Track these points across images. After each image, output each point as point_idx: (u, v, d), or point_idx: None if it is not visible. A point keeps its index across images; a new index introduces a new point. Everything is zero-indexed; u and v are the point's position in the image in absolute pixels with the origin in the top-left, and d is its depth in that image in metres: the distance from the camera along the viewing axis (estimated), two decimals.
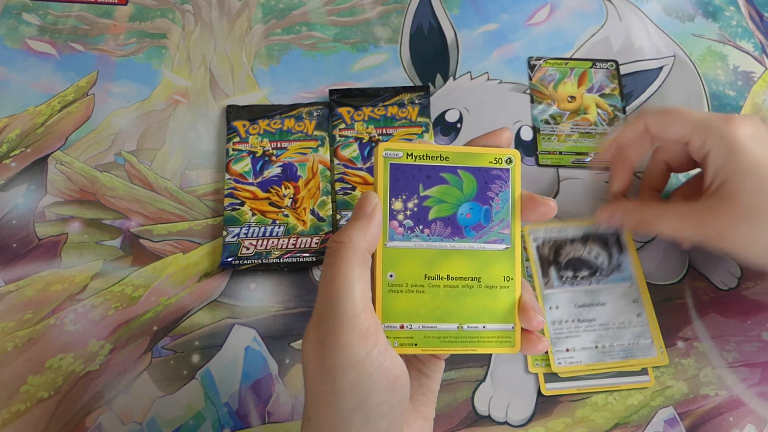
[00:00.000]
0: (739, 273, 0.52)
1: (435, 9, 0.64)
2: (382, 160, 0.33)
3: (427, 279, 0.33)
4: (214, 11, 0.63)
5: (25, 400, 0.46)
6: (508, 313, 0.34)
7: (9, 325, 0.48)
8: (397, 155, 0.33)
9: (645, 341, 0.48)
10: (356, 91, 0.57)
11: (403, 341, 0.33)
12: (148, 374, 0.47)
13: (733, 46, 0.63)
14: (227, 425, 0.45)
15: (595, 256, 0.51)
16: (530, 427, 0.46)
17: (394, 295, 0.33)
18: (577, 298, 0.49)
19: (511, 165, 0.34)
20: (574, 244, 0.51)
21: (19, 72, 0.59)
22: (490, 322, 0.34)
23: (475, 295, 0.33)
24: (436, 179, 0.34)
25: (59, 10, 0.63)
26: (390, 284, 0.33)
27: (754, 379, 0.48)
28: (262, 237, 0.50)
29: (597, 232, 0.50)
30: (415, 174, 0.33)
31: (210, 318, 0.49)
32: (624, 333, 0.48)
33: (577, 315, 0.49)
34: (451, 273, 0.33)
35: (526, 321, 0.34)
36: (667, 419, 0.46)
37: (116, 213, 0.53)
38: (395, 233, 0.33)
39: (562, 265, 0.50)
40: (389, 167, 0.33)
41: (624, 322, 0.49)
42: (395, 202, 0.33)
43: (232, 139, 0.55)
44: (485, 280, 0.34)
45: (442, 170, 0.34)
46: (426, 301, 0.33)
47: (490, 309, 0.34)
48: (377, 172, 0.33)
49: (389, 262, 0.33)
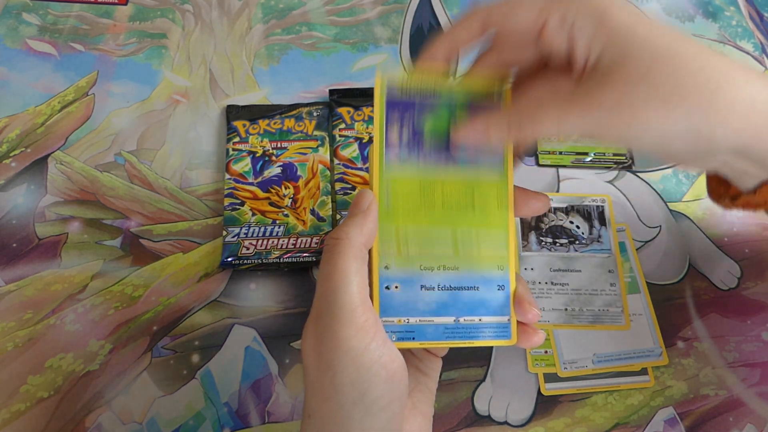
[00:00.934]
0: (740, 273, 0.52)
1: (435, 9, 0.64)
2: (380, 96, 0.34)
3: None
4: (214, 11, 0.63)
5: (25, 400, 0.46)
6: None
7: (9, 325, 0.48)
8: (393, 87, 0.34)
9: (615, 309, 0.49)
10: (356, 91, 0.57)
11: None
12: (148, 374, 0.47)
13: (733, 46, 0.63)
14: (227, 425, 0.45)
15: (576, 226, 0.52)
16: (530, 427, 0.46)
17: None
18: (552, 262, 0.51)
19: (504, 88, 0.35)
20: (557, 213, 0.53)
21: (19, 72, 0.59)
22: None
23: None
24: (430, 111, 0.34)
25: (59, 10, 0.63)
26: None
27: (754, 379, 0.48)
28: (262, 237, 0.50)
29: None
30: (410, 108, 0.34)
31: (210, 318, 0.49)
32: (595, 299, 0.50)
33: (551, 278, 0.50)
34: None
35: (522, 314, 0.34)
36: (667, 419, 0.46)
37: (116, 213, 0.53)
38: (392, 156, 0.34)
39: (543, 231, 0.52)
40: (386, 104, 0.34)
41: (597, 290, 0.50)
42: (391, 131, 0.34)
43: (232, 139, 0.55)
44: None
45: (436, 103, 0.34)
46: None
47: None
48: (376, 103, 0.34)
49: (386, 185, 0.33)
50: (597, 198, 0.53)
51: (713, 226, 0.54)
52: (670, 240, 0.53)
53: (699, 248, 0.53)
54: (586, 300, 0.49)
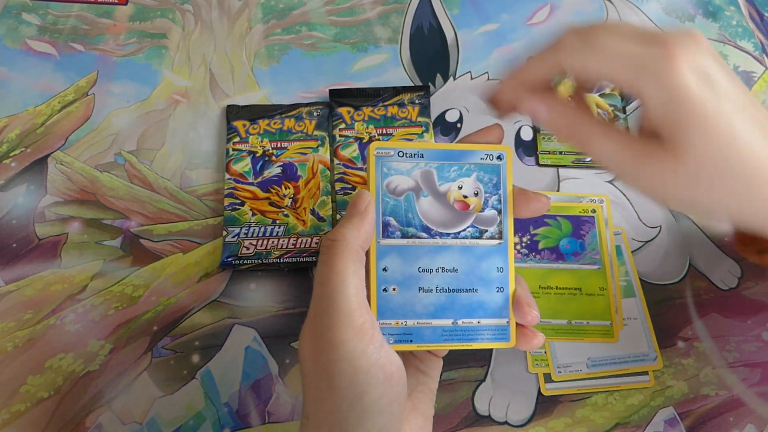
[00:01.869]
0: (740, 273, 0.52)
1: (435, 9, 0.64)
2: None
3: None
4: (214, 11, 0.63)
5: (25, 400, 0.46)
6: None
7: (9, 325, 0.48)
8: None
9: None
10: (356, 91, 0.57)
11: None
12: (148, 374, 0.47)
13: (733, 46, 0.63)
14: (227, 425, 0.45)
15: None
16: (530, 427, 0.46)
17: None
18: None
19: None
20: None
21: (19, 72, 0.59)
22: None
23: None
24: None
25: (59, 10, 0.63)
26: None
27: (754, 379, 0.48)
28: (262, 237, 0.50)
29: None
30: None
31: (210, 318, 0.49)
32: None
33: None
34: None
35: (521, 316, 0.34)
36: (667, 419, 0.46)
37: (116, 213, 0.53)
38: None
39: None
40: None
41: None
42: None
43: (232, 139, 0.55)
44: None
45: None
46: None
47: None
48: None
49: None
50: (595, 198, 0.53)
51: (713, 225, 0.54)
52: (670, 240, 0.53)
53: (699, 248, 0.53)
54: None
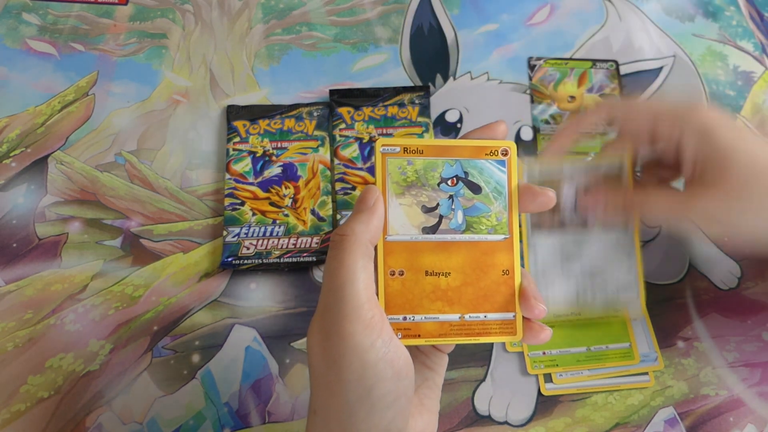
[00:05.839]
0: (740, 273, 0.52)
1: (435, 9, 0.64)
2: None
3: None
4: (214, 11, 0.63)
5: (25, 400, 0.46)
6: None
7: (9, 325, 0.48)
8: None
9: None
10: (356, 91, 0.57)
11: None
12: (148, 374, 0.47)
13: (733, 46, 0.63)
14: (227, 425, 0.45)
15: None
16: (530, 427, 0.46)
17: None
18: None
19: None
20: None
21: (19, 72, 0.59)
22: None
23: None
24: None
25: (59, 10, 0.63)
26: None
27: (754, 379, 0.48)
28: (263, 237, 0.50)
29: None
30: None
31: (210, 318, 0.49)
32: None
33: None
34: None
35: (528, 310, 0.33)
36: (667, 419, 0.46)
37: (116, 213, 0.53)
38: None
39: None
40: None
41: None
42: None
43: (232, 139, 0.55)
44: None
45: None
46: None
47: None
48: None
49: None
50: None
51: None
52: (670, 240, 0.53)
53: (699, 248, 0.53)
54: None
